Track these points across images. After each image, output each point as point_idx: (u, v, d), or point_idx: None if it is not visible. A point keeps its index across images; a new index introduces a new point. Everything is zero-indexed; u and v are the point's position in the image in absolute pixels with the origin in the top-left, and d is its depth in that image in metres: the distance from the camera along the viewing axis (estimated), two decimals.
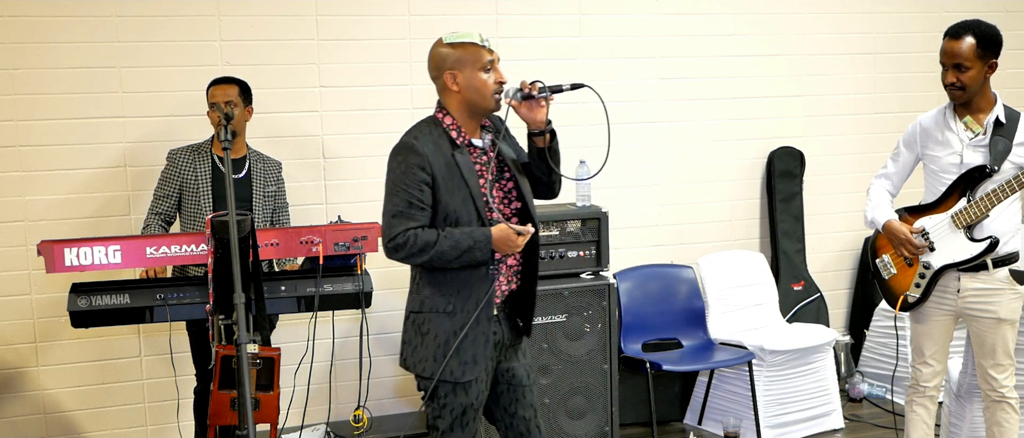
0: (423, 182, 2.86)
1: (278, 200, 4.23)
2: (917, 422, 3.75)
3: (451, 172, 2.89)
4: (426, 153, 2.86)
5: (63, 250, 3.32)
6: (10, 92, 4.32)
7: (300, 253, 3.61)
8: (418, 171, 2.85)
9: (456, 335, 2.91)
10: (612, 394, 4.42)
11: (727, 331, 4.89)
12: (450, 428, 2.98)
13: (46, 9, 4.33)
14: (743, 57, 5.31)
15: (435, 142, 2.90)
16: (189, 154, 4.05)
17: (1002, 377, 3.56)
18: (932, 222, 3.57)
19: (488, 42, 2.92)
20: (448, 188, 2.88)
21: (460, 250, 2.86)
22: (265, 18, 4.59)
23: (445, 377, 2.93)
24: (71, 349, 4.50)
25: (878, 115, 5.56)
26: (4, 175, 4.36)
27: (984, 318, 3.53)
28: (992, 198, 3.40)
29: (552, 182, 3.10)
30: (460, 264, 2.89)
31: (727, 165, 5.37)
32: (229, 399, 3.20)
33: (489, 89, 2.92)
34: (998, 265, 3.50)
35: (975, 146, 3.49)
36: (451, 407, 2.96)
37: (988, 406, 3.63)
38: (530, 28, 4.95)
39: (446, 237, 2.85)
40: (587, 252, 4.45)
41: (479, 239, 2.86)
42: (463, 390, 2.95)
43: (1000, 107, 3.49)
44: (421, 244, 2.85)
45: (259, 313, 3.39)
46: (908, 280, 3.64)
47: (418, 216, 2.87)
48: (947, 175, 3.53)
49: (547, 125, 2.99)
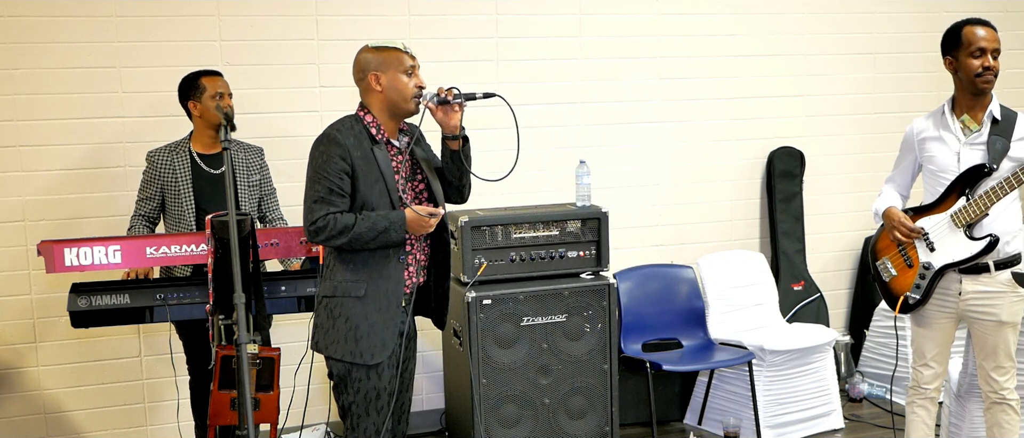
0: (343, 171, 3.05)
1: (264, 188, 4.18)
2: (917, 424, 3.75)
3: (369, 164, 3.08)
4: (346, 144, 3.06)
5: (63, 250, 3.32)
6: (10, 92, 4.32)
7: (300, 253, 3.61)
8: (339, 160, 3.05)
9: (367, 319, 3.08)
10: (612, 394, 4.42)
11: (727, 331, 4.89)
12: (365, 412, 3.13)
13: (46, 9, 4.33)
14: (743, 57, 5.31)
15: (356, 136, 3.10)
16: (167, 154, 4.01)
17: (1004, 379, 3.55)
18: (932, 222, 3.56)
19: (409, 49, 3.14)
20: (366, 179, 3.07)
21: (376, 231, 3.04)
22: (265, 18, 4.59)
23: (356, 360, 3.08)
24: (71, 349, 4.50)
25: (878, 115, 5.56)
26: (4, 175, 4.36)
27: (986, 320, 3.52)
28: (991, 196, 3.40)
29: (462, 186, 3.30)
30: (376, 245, 3.07)
31: (727, 165, 5.37)
32: (229, 399, 3.21)
33: (409, 91, 3.12)
34: (1000, 268, 3.49)
35: (972, 144, 3.49)
36: (364, 391, 3.12)
37: (989, 407, 3.63)
38: (530, 28, 4.95)
39: (363, 220, 3.04)
40: (587, 252, 4.45)
41: (394, 220, 3.06)
42: (376, 373, 3.11)
43: (996, 104, 3.50)
44: (340, 227, 3.03)
45: (259, 313, 3.39)
46: (908, 281, 3.64)
47: (337, 202, 3.05)
48: (946, 174, 3.53)
49: (460, 131, 3.17)
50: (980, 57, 3.44)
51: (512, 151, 3.17)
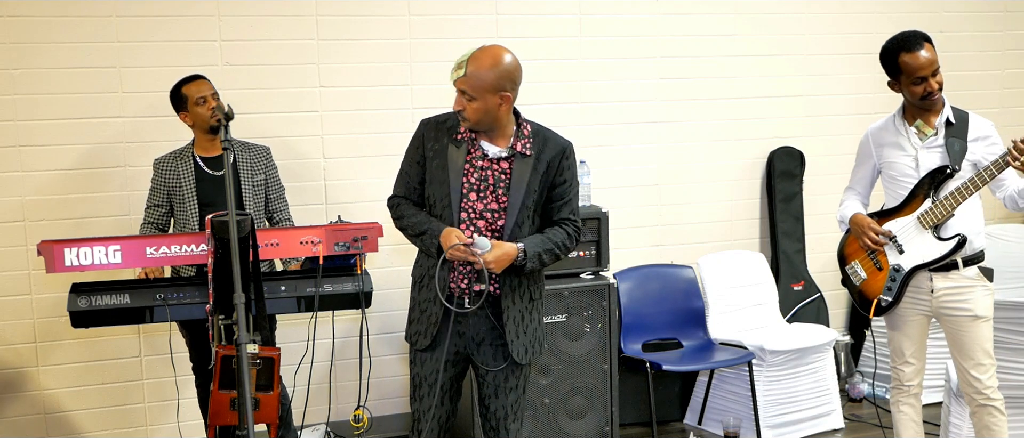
0: (414, 159, 3.16)
1: (271, 188, 4.17)
2: (905, 421, 3.78)
3: (440, 158, 3.11)
4: (425, 134, 3.14)
5: (63, 250, 3.32)
6: (10, 92, 4.32)
7: (300, 253, 3.61)
8: (414, 148, 3.17)
9: (420, 305, 3.18)
10: (612, 394, 4.42)
11: (727, 331, 4.89)
12: (413, 396, 3.25)
13: (46, 9, 4.33)
14: (743, 57, 5.31)
15: (440, 129, 3.14)
16: (172, 160, 4.02)
17: (985, 377, 3.57)
18: (899, 225, 3.61)
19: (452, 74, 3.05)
20: (432, 171, 3.12)
21: (417, 231, 3.12)
22: (265, 18, 4.59)
23: (408, 338, 3.24)
24: (71, 349, 4.50)
25: (878, 115, 5.47)
26: (4, 175, 4.36)
27: (960, 316, 3.56)
28: (956, 196, 3.46)
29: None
30: (417, 244, 3.16)
31: (727, 165, 5.37)
32: (229, 399, 3.20)
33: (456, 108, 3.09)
34: (967, 264, 3.55)
35: (929, 148, 3.55)
36: (412, 374, 3.24)
37: (975, 411, 3.65)
38: (530, 28, 4.95)
39: (415, 214, 3.14)
40: (587, 252, 4.45)
41: (433, 229, 3.08)
42: (419, 359, 3.20)
43: (948, 108, 3.56)
44: (399, 212, 3.19)
45: (259, 313, 3.38)
46: (879, 284, 3.67)
47: (405, 185, 3.19)
48: (905, 179, 3.60)
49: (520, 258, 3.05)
50: (921, 83, 3.48)
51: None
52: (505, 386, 3.20)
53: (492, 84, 2.98)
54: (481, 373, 3.22)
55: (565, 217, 3.17)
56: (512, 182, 3.08)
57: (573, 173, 3.18)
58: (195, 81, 4.02)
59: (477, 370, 3.24)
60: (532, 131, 3.13)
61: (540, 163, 3.09)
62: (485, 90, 2.98)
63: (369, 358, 4.36)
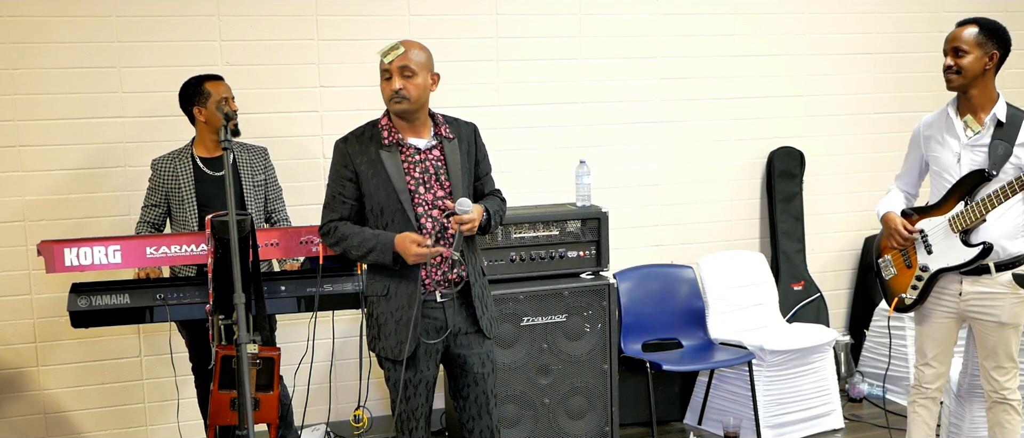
0: (345, 177, 3.18)
1: (270, 188, 4.17)
2: (919, 423, 3.75)
3: (375, 168, 3.15)
4: (349, 151, 3.18)
5: (63, 250, 3.32)
6: (10, 92, 4.32)
7: (300, 253, 3.61)
8: (341, 168, 3.19)
9: (393, 315, 3.18)
10: (612, 394, 4.42)
11: (727, 331, 4.89)
12: (399, 400, 3.23)
13: (46, 9, 4.33)
14: (743, 57, 5.31)
15: (364, 141, 3.19)
16: (170, 161, 4.01)
17: (1005, 379, 3.55)
18: (931, 224, 3.56)
19: (388, 54, 3.12)
20: (372, 183, 3.16)
21: (364, 249, 3.14)
22: (265, 18, 4.59)
23: (385, 354, 3.21)
24: (71, 349, 4.50)
25: (878, 115, 5.56)
26: (4, 175, 4.36)
27: (986, 321, 3.51)
28: (989, 202, 3.37)
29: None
30: (366, 261, 3.18)
31: (727, 165, 5.37)
32: (229, 399, 3.20)
33: (387, 95, 3.16)
34: (1001, 269, 3.46)
35: (974, 146, 3.46)
36: (394, 381, 3.22)
37: (991, 407, 3.63)
38: (530, 28, 4.95)
39: (357, 234, 3.16)
40: (587, 252, 4.45)
41: (383, 241, 3.11)
42: (399, 367, 3.20)
43: (1002, 105, 3.45)
44: (338, 236, 3.20)
45: (259, 313, 3.39)
46: (906, 282, 3.64)
47: (339, 208, 3.21)
48: (948, 175, 3.52)
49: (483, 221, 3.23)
50: (944, 58, 3.46)
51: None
52: (482, 371, 3.29)
53: (427, 62, 3.17)
54: (458, 364, 3.28)
55: (494, 189, 3.42)
56: (449, 166, 3.22)
57: (486, 149, 3.39)
58: (217, 81, 4.00)
59: (453, 363, 3.29)
60: (444, 118, 3.29)
61: (462, 143, 3.27)
62: (423, 66, 3.15)
63: (369, 358, 4.36)
